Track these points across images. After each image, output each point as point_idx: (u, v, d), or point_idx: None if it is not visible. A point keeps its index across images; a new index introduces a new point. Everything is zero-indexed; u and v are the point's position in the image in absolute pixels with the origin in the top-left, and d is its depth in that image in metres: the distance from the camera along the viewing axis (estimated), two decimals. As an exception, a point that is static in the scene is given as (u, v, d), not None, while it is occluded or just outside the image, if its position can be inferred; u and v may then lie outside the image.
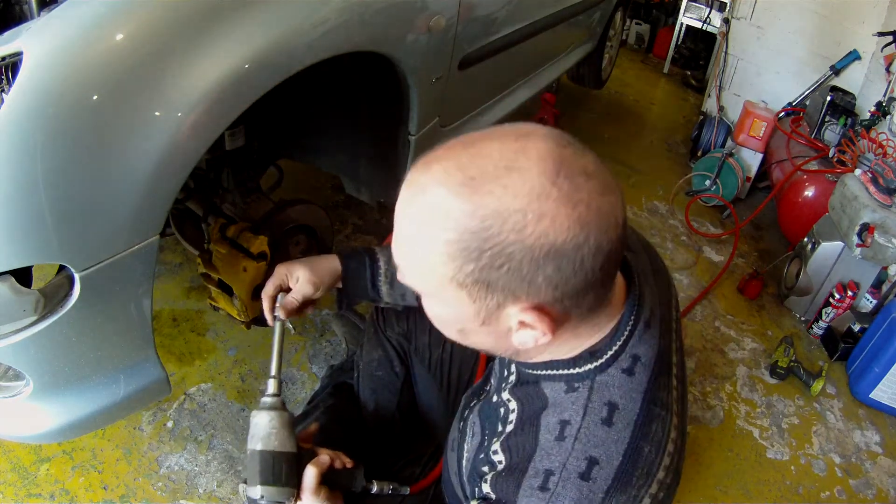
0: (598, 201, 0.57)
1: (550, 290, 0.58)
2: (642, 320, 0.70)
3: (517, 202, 0.54)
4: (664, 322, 0.74)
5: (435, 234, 0.57)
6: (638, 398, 0.67)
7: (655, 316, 0.72)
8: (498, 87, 2.22)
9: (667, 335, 0.73)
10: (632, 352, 0.68)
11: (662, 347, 0.71)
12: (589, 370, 0.69)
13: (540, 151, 0.57)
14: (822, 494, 1.79)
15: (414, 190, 0.60)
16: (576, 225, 0.55)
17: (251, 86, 1.04)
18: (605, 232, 0.57)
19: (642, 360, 0.68)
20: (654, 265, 0.82)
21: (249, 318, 1.56)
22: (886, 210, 2.13)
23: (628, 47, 5.29)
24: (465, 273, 0.58)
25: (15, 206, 0.85)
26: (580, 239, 0.56)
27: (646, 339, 0.70)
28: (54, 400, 1.06)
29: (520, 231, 0.55)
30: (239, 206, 1.59)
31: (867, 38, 2.89)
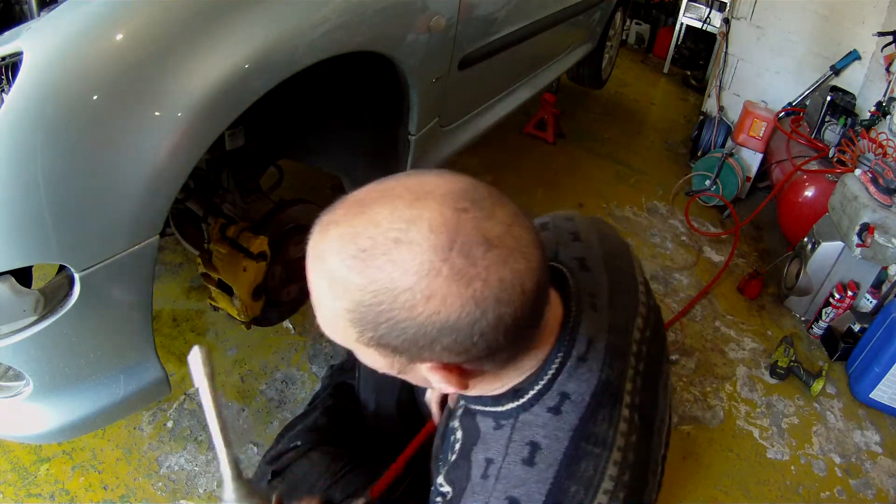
0: (500, 273, 0.54)
1: (452, 356, 0.57)
2: (574, 356, 0.68)
3: (405, 280, 0.52)
4: (613, 349, 0.71)
5: (336, 302, 0.57)
6: (564, 437, 0.65)
7: (596, 347, 0.69)
8: (498, 87, 2.22)
9: (617, 363, 0.71)
10: (560, 389, 0.66)
11: (606, 379, 0.68)
12: (512, 409, 0.68)
13: (432, 221, 0.53)
14: (822, 494, 1.79)
15: (315, 255, 0.59)
16: (469, 303, 0.53)
17: (251, 86, 1.04)
18: (507, 304, 0.55)
19: (573, 397, 0.66)
20: (619, 283, 0.80)
21: (249, 318, 1.56)
22: (886, 210, 2.13)
23: (628, 47, 5.29)
24: (368, 337, 0.57)
25: (15, 206, 0.85)
26: (476, 315, 0.54)
27: (579, 374, 0.67)
28: (54, 400, 1.06)
29: (410, 309, 0.53)
30: (239, 206, 1.59)
31: (867, 38, 2.89)
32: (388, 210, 0.55)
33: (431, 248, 0.52)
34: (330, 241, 0.57)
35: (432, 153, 1.83)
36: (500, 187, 0.59)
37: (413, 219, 0.53)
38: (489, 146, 3.10)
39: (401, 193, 0.56)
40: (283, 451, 1.16)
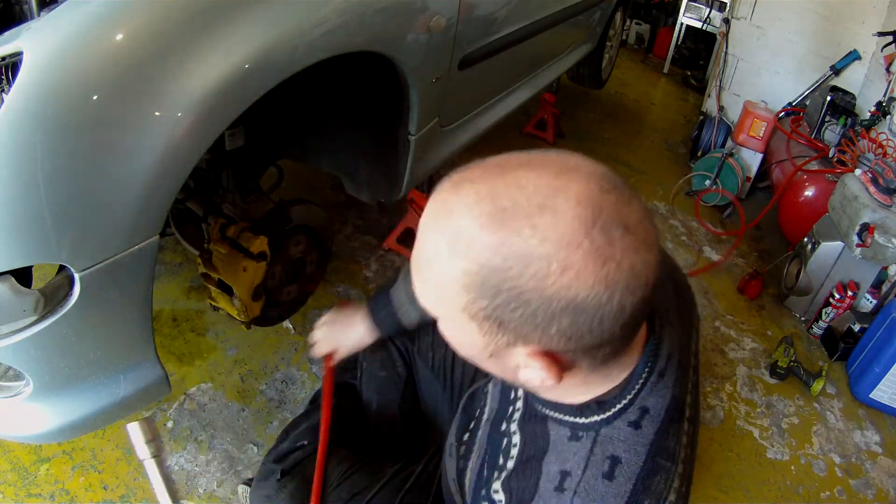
0: (632, 259, 0.52)
1: (563, 341, 0.55)
2: (656, 371, 0.67)
3: (544, 248, 0.50)
4: (681, 365, 0.71)
5: (454, 261, 0.54)
6: (643, 451, 0.65)
7: (672, 363, 0.69)
8: (498, 87, 2.22)
9: (683, 378, 0.71)
10: (641, 404, 0.66)
11: (676, 394, 0.68)
12: (595, 421, 0.66)
13: (580, 194, 0.52)
14: (823, 494, 1.79)
15: (440, 210, 0.56)
16: (601, 283, 0.51)
17: (251, 86, 1.04)
18: (632, 293, 0.53)
19: (651, 412, 0.66)
20: (679, 293, 0.79)
21: (249, 318, 1.56)
22: (886, 210, 2.13)
23: (628, 47, 5.29)
24: (479, 307, 0.55)
25: (15, 206, 0.85)
26: (603, 298, 0.52)
27: (658, 389, 0.67)
28: (54, 400, 1.06)
29: (541, 279, 0.51)
30: (239, 206, 1.59)
31: (867, 38, 2.89)
32: (535, 175, 0.53)
33: (576, 219, 0.51)
34: (463, 197, 0.54)
35: (432, 153, 1.84)
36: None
37: (560, 188, 0.52)
38: (489, 146, 3.09)
39: (547, 164, 0.55)
40: (289, 450, 1.16)
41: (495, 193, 0.53)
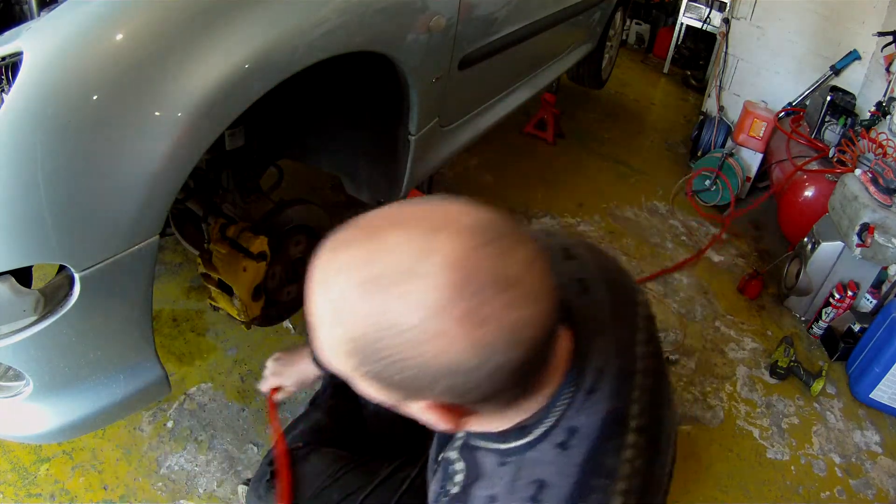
0: (511, 317, 0.51)
1: (451, 397, 0.55)
2: (584, 389, 0.65)
3: (413, 316, 0.50)
4: (621, 375, 0.69)
5: (335, 329, 0.54)
6: (572, 473, 0.63)
7: (606, 376, 0.67)
8: (498, 87, 2.22)
9: (623, 388, 0.69)
10: (568, 424, 0.64)
11: (613, 408, 0.66)
12: (518, 446, 0.65)
13: (449, 255, 0.50)
14: (823, 494, 1.79)
15: (320, 276, 0.55)
16: (477, 345, 0.50)
17: (251, 86, 1.04)
18: (514, 349, 0.52)
19: (581, 431, 0.64)
20: (619, 298, 0.77)
21: (249, 318, 1.56)
22: (886, 210, 2.13)
23: (628, 47, 5.29)
24: (365, 370, 0.54)
25: (15, 206, 0.85)
26: (483, 358, 0.51)
27: (587, 407, 0.65)
28: (54, 400, 1.06)
29: (415, 347, 0.50)
30: (239, 206, 1.59)
31: (867, 38, 2.89)
32: (405, 238, 0.52)
33: (445, 285, 0.49)
34: (338, 264, 0.54)
35: (432, 153, 1.84)
36: (499, 187, 0.57)
37: (430, 250, 0.50)
38: (489, 146, 3.10)
39: (418, 221, 0.53)
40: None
41: (369, 259, 0.52)
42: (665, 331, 2.24)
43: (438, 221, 0.52)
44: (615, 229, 2.79)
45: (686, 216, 3.02)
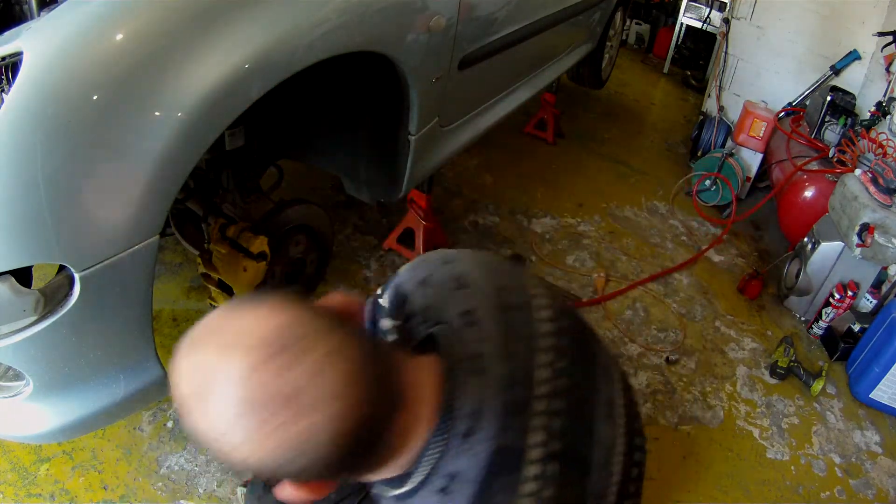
0: (299, 427, 0.53)
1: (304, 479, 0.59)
2: (458, 435, 0.65)
3: (219, 427, 0.54)
4: (507, 410, 0.69)
5: None
6: None
7: (486, 415, 0.67)
8: (498, 87, 2.22)
9: (516, 421, 0.69)
10: (447, 471, 0.65)
11: (500, 447, 0.66)
12: (405, 492, 0.67)
13: (233, 375, 0.53)
14: (822, 494, 1.79)
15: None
16: (281, 449, 0.54)
17: (251, 86, 1.04)
18: (325, 446, 0.54)
19: (462, 474, 0.65)
20: (514, 324, 0.76)
21: (249, 318, 1.56)
22: (886, 210, 2.13)
23: (628, 47, 5.29)
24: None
25: (15, 206, 0.85)
26: (297, 455, 0.54)
27: (465, 450, 0.65)
28: (54, 400, 1.06)
29: (234, 450, 0.54)
30: (239, 206, 1.59)
31: (867, 38, 2.89)
32: (202, 355, 0.56)
33: (236, 402, 0.53)
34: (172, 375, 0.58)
35: (432, 153, 1.84)
36: (499, 187, 0.57)
37: (216, 370, 0.54)
38: (489, 146, 3.10)
39: (215, 338, 0.57)
40: None
41: (183, 378, 0.57)
42: (665, 331, 2.24)
43: (231, 338, 0.56)
44: (615, 229, 2.79)
45: (686, 216, 3.02)
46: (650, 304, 2.36)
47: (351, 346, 0.57)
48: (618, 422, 0.82)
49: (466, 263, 0.83)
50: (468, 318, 0.75)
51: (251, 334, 0.55)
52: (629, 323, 2.24)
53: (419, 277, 0.83)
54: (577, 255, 2.55)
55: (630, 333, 2.19)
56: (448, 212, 2.61)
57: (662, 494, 1.68)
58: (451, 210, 2.63)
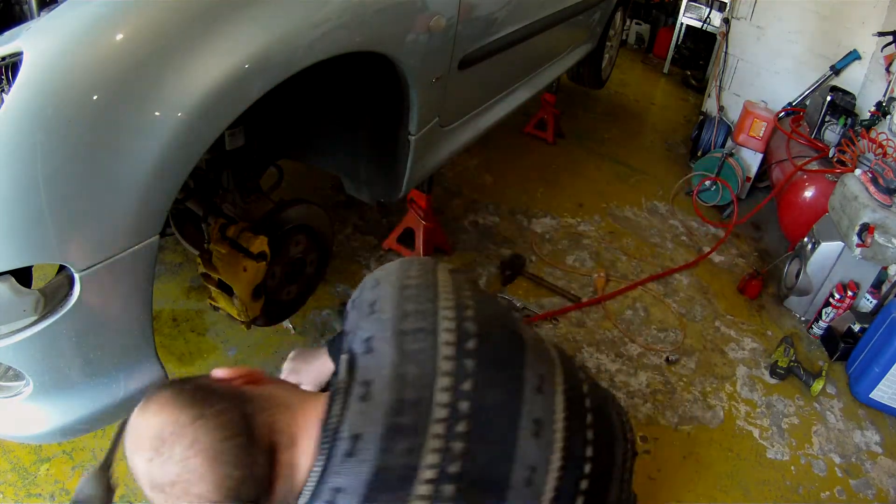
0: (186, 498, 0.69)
1: None
2: (339, 455, 0.74)
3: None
4: (394, 434, 0.75)
5: None
6: None
7: (367, 438, 0.74)
8: (498, 87, 2.22)
9: (404, 443, 0.75)
10: (332, 485, 0.73)
11: (383, 465, 0.73)
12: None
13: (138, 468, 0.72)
14: (823, 494, 1.79)
15: None
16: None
17: (251, 86, 1.04)
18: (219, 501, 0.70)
19: (346, 490, 0.73)
20: (411, 350, 0.81)
21: (249, 318, 1.56)
22: (886, 210, 2.13)
23: (628, 47, 5.29)
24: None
25: (15, 206, 0.85)
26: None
27: (347, 469, 0.73)
28: (54, 400, 1.06)
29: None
30: (239, 206, 1.59)
31: (867, 38, 2.89)
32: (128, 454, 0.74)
33: (146, 484, 0.71)
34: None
35: (432, 153, 1.84)
36: (499, 187, 0.57)
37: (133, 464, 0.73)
38: (489, 146, 3.10)
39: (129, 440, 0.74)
40: None
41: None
42: (665, 331, 2.24)
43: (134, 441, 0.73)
44: (615, 229, 2.79)
45: (686, 216, 3.02)
46: (650, 304, 2.36)
47: (208, 433, 0.70)
48: (552, 437, 0.84)
49: (384, 287, 0.89)
50: (368, 345, 0.83)
51: (144, 436, 0.72)
52: (629, 323, 2.24)
53: (352, 297, 0.93)
54: (577, 255, 2.55)
55: (630, 333, 2.19)
56: (448, 212, 2.61)
57: (662, 494, 1.68)
58: (451, 210, 2.63)
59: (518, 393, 0.84)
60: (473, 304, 0.87)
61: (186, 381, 0.78)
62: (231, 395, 0.77)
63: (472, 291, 0.91)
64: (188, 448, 0.69)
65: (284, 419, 0.77)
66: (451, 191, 2.77)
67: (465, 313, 0.86)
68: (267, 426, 0.75)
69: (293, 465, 0.76)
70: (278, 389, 0.84)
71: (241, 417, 0.73)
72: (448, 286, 0.89)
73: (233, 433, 0.71)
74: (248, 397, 0.78)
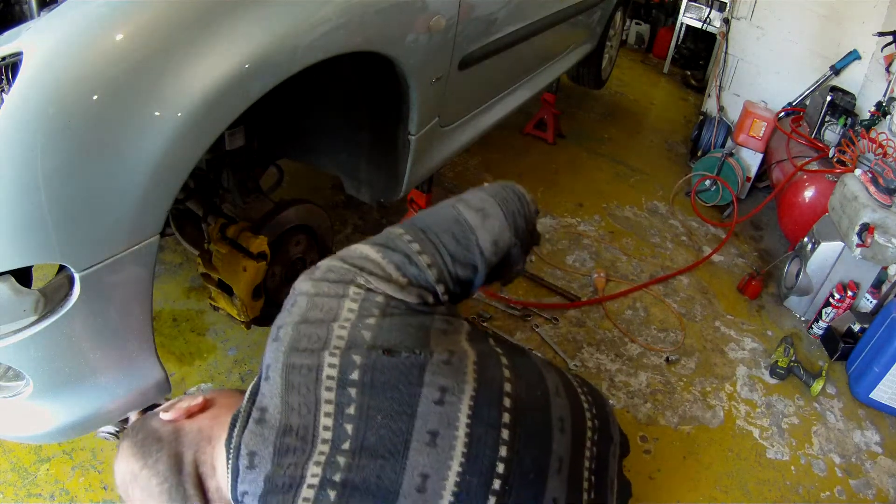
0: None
1: None
2: (241, 466, 0.89)
3: None
4: (281, 450, 0.88)
5: None
6: None
7: (262, 454, 0.88)
8: (498, 87, 2.22)
9: (289, 457, 0.88)
10: (240, 489, 0.89)
11: (271, 474, 0.87)
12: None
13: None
14: (823, 494, 1.79)
15: None
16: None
17: (251, 86, 1.04)
18: None
19: (249, 492, 0.88)
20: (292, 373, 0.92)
21: (249, 318, 1.56)
22: (886, 210, 2.13)
23: (628, 47, 5.29)
24: None
25: (15, 206, 0.85)
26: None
27: (249, 478, 0.88)
28: (54, 400, 1.06)
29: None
30: (239, 206, 1.59)
31: (867, 38, 2.89)
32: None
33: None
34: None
35: (432, 153, 1.84)
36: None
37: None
38: (489, 146, 3.10)
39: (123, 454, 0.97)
40: None
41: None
42: (665, 331, 2.24)
43: (116, 478, 0.96)
44: (615, 229, 2.79)
45: (686, 216, 3.02)
46: (650, 303, 2.36)
47: (150, 479, 0.91)
48: (451, 444, 0.90)
49: (293, 313, 0.98)
50: (266, 373, 0.94)
51: (117, 478, 0.95)
52: (629, 323, 2.25)
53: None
54: (577, 255, 2.55)
55: (630, 333, 2.19)
56: (448, 212, 2.60)
57: (662, 494, 1.68)
58: (451, 210, 2.63)
59: (411, 409, 0.91)
60: (370, 336, 0.93)
61: (141, 426, 0.98)
62: (168, 437, 0.95)
63: (379, 317, 0.96)
64: (141, 491, 0.91)
65: (207, 451, 0.94)
66: (451, 191, 2.77)
67: (356, 347, 0.93)
68: (193, 463, 0.93)
69: (219, 488, 0.93)
70: (209, 418, 0.99)
71: (174, 461, 0.92)
72: (350, 317, 0.95)
73: (166, 478, 0.91)
74: (181, 437, 0.95)
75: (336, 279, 0.99)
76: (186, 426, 0.97)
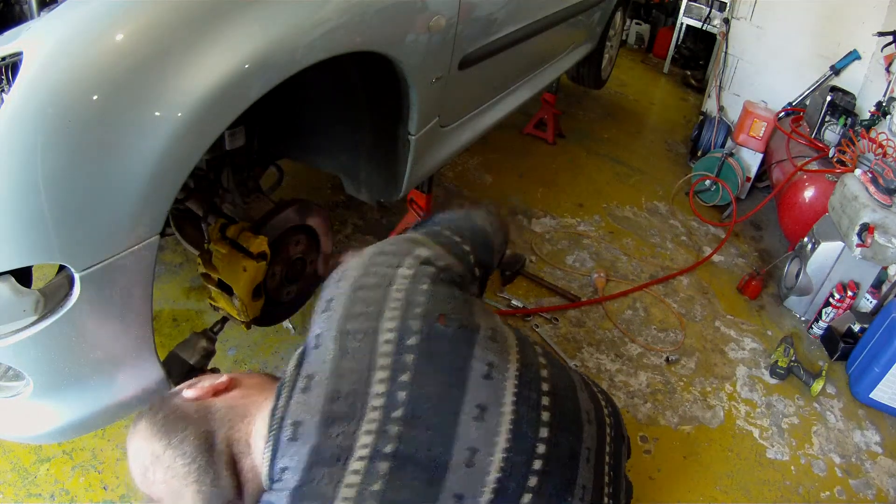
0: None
1: None
2: (283, 439, 0.85)
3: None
4: (330, 419, 0.85)
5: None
6: (284, 498, 0.84)
7: (307, 424, 0.85)
8: (498, 87, 2.22)
9: (338, 427, 0.85)
10: (279, 465, 0.85)
11: (318, 445, 0.84)
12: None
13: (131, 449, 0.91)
14: (822, 494, 1.79)
15: None
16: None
17: (251, 86, 1.04)
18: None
19: (290, 468, 0.84)
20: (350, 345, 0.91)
21: (249, 318, 1.56)
22: (886, 210, 2.13)
23: (628, 47, 5.29)
24: None
25: (15, 206, 0.85)
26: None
27: (290, 451, 0.85)
28: (54, 400, 1.06)
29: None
30: (239, 206, 1.59)
31: (867, 38, 2.89)
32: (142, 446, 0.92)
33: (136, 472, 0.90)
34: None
35: (432, 153, 1.84)
36: (499, 187, 0.58)
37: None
38: (489, 146, 3.10)
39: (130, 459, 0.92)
40: None
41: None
42: (665, 331, 2.24)
43: (131, 461, 0.90)
44: (615, 229, 2.79)
45: (686, 216, 3.02)
46: (650, 303, 2.36)
47: (175, 459, 0.85)
48: (498, 420, 0.91)
49: (343, 284, 0.97)
50: (316, 342, 0.93)
51: (133, 461, 0.89)
52: (629, 323, 2.25)
53: (321, 290, 1.03)
54: (577, 255, 2.55)
55: (630, 333, 2.19)
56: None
57: (662, 494, 1.68)
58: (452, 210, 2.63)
59: (461, 381, 0.91)
60: (424, 301, 0.95)
61: (161, 405, 0.91)
62: (195, 416, 0.89)
63: (431, 284, 0.97)
64: (165, 472, 0.85)
65: (241, 429, 0.90)
66: (451, 191, 2.77)
67: (413, 311, 0.93)
68: (226, 441, 0.88)
69: (254, 467, 0.89)
70: (239, 397, 0.94)
71: (203, 439, 0.86)
72: (405, 283, 0.96)
73: (194, 458, 0.85)
74: (210, 415, 0.90)
75: (392, 251, 1.02)
76: (217, 403, 0.92)
